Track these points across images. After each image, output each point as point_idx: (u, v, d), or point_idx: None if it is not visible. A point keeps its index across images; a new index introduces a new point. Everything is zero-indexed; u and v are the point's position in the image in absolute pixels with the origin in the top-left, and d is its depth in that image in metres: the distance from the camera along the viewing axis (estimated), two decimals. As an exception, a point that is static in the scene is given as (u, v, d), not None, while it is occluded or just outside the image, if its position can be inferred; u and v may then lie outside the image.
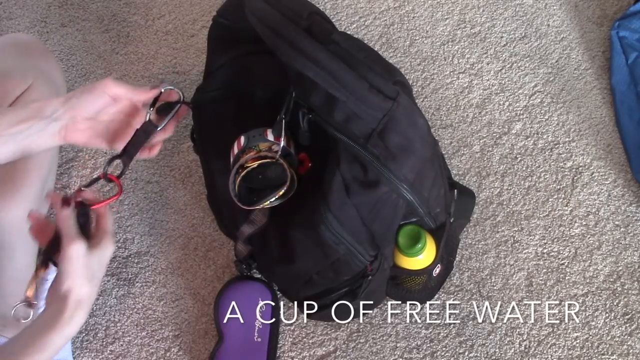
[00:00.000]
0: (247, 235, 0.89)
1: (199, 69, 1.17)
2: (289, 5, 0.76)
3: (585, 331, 0.94)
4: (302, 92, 0.77)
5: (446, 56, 1.17)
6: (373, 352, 0.93)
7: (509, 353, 0.92)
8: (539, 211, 1.03)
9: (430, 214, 0.82)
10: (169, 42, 1.21)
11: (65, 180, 1.07)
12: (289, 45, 0.72)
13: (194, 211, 1.04)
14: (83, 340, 0.95)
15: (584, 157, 1.07)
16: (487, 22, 1.21)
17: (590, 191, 1.04)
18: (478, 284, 0.97)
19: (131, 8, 1.25)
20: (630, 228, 1.01)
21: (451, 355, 0.93)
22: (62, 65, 1.18)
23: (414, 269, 0.84)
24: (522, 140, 1.09)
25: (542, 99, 1.13)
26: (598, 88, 1.14)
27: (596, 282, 0.97)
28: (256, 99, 0.92)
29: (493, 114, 1.11)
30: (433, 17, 1.22)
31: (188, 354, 0.94)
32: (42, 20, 1.24)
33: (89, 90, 0.70)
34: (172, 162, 1.09)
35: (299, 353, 0.94)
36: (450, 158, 1.07)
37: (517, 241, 1.00)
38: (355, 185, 0.76)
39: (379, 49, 1.19)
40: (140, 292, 0.99)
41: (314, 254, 0.81)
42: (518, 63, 1.16)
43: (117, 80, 0.70)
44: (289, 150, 0.83)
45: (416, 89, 1.14)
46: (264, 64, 0.91)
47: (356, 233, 0.78)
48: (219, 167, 0.91)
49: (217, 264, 1.00)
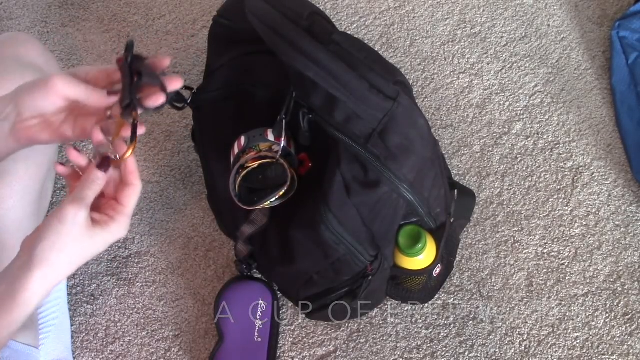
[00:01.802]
0: (247, 235, 0.89)
1: (200, 69, 1.17)
2: (289, 5, 0.76)
3: (586, 331, 0.94)
4: (302, 92, 0.77)
5: (446, 56, 1.17)
6: (373, 352, 0.93)
7: (509, 353, 0.92)
8: (539, 211, 1.03)
9: (430, 214, 0.82)
10: (170, 42, 1.21)
11: (65, 180, 1.07)
12: (290, 46, 0.72)
13: (194, 211, 1.04)
14: (83, 340, 0.95)
15: (584, 157, 1.07)
16: (487, 22, 1.21)
17: (590, 191, 1.04)
18: (478, 284, 0.97)
19: (131, 8, 1.25)
20: (631, 228, 1.01)
21: (451, 355, 0.93)
22: (63, 65, 1.18)
23: (414, 269, 0.84)
24: (522, 141, 1.09)
25: (543, 99, 1.13)
26: (598, 88, 1.14)
27: (596, 282, 0.97)
28: (256, 99, 0.92)
29: (493, 114, 1.11)
30: (433, 17, 1.22)
31: (188, 354, 0.94)
32: (42, 20, 1.24)
33: (34, 87, 0.59)
34: (172, 162, 1.09)
35: (299, 353, 0.94)
36: (451, 158, 1.07)
37: (517, 241, 1.00)
38: (355, 185, 0.76)
39: (379, 49, 1.19)
40: (140, 292, 0.99)
41: (314, 254, 0.81)
42: (518, 63, 1.16)
43: (67, 80, 0.58)
44: (290, 150, 0.83)
45: (416, 89, 1.14)
46: (264, 64, 0.91)
47: (356, 233, 0.78)
48: (219, 167, 0.91)
49: (218, 264, 1.00)
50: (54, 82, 0.58)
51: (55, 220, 0.55)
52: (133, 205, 0.59)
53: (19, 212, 0.88)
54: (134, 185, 0.59)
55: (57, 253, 0.55)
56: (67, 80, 0.58)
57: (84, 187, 0.56)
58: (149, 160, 1.08)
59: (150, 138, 1.10)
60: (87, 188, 0.56)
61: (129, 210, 0.59)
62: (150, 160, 1.08)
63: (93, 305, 0.98)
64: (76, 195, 0.55)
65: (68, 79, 0.58)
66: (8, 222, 0.87)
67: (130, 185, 0.59)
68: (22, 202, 0.88)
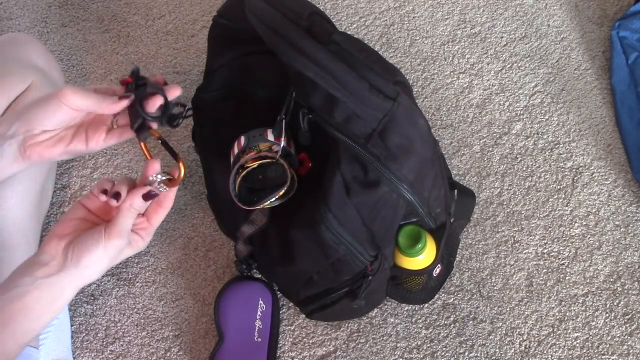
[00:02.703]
0: (247, 236, 0.89)
1: (199, 69, 1.17)
2: (289, 5, 0.76)
3: (586, 331, 0.94)
4: (302, 92, 0.77)
5: (446, 56, 1.17)
6: (373, 352, 0.93)
7: (509, 353, 0.92)
8: (539, 211, 1.03)
9: (430, 214, 0.82)
10: (169, 42, 1.21)
11: (65, 180, 1.07)
12: (289, 46, 0.72)
13: (194, 211, 1.04)
14: (83, 340, 0.95)
15: (584, 157, 1.07)
16: (487, 22, 1.21)
17: (590, 191, 1.04)
18: (478, 284, 0.97)
19: (131, 8, 1.25)
20: (631, 228, 1.01)
21: (451, 355, 0.93)
22: (62, 65, 1.18)
23: (414, 269, 0.84)
24: (522, 141, 1.09)
25: (542, 99, 1.13)
26: (598, 88, 1.14)
27: (596, 282, 0.97)
28: (256, 99, 0.92)
29: (493, 114, 1.11)
30: (433, 17, 1.22)
31: (188, 354, 0.94)
32: (42, 20, 1.24)
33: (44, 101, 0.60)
34: (172, 162, 1.08)
35: (299, 353, 0.94)
36: (451, 158, 1.07)
37: (517, 241, 1.00)
38: (355, 185, 0.76)
39: (379, 49, 1.19)
40: (140, 292, 0.99)
41: (314, 254, 0.81)
42: (518, 63, 1.16)
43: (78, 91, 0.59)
44: (289, 151, 0.83)
45: (416, 89, 1.14)
46: (264, 64, 0.91)
47: (356, 233, 0.78)
48: (219, 167, 0.91)
49: (218, 264, 1.00)
50: (65, 93, 0.59)
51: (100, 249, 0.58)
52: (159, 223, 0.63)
53: (19, 212, 0.88)
54: (167, 208, 0.63)
55: (93, 270, 0.59)
56: (77, 90, 0.59)
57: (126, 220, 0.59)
58: (149, 160, 1.08)
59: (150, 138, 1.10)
60: (129, 217, 0.60)
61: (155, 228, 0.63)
62: (150, 160, 1.08)
63: (93, 305, 0.98)
64: (122, 230, 0.59)
65: (78, 89, 0.59)
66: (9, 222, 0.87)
67: (164, 208, 0.63)
68: (22, 202, 0.88)
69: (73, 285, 0.59)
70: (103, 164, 1.08)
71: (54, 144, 0.62)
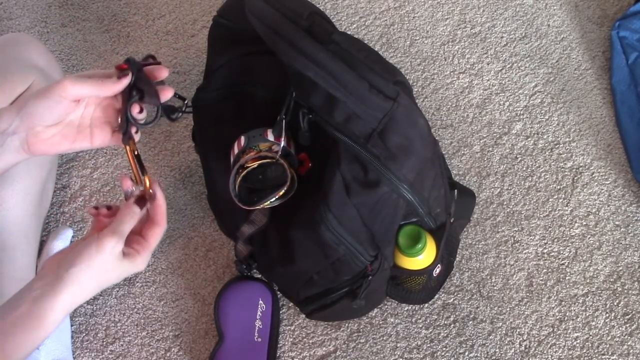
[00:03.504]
0: (247, 236, 0.89)
1: (200, 69, 1.17)
2: (289, 5, 0.76)
3: (586, 331, 0.94)
4: (302, 92, 0.77)
5: (446, 56, 1.17)
6: (373, 352, 0.93)
7: (509, 353, 0.92)
8: (539, 211, 1.03)
9: (430, 214, 0.82)
10: (170, 42, 1.21)
11: (65, 180, 1.07)
12: (289, 45, 0.72)
13: (194, 211, 1.04)
14: (83, 340, 0.95)
15: (584, 157, 1.07)
16: (487, 22, 1.21)
17: (590, 191, 1.04)
18: (478, 284, 0.97)
19: (131, 8, 1.25)
20: (631, 228, 1.01)
21: (451, 355, 0.93)
22: (62, 65, 1.18)
23: (414, 269, 0.84)
24: (522, 141, 1.09)
25: (543, 99, 1.13)
26: (598, 88, 1.14)
27: (596, 282, 0.97)
28: (256, 99, 0.92)
29: (493, 114, 1.11)
30: (433, 17, 1.22)
31: (188, 354, 0.94)
32: (42, 20, 1.24)
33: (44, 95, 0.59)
34: (172, 162, 1.09)
35: (299, 353, 0.94)
36: (451, 158, 1.07)
37: (517, 241, 1.00)
38: (355, 185, 0.76)
39: (379, 49, 1.19)
40: (140, 292, 0.99)
41: (314, 254, 0.81)
42: (518, 63, 1.16)
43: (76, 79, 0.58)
44: (289, 150, 0.83)
45: (416, 89, 1.14)
46: (264, 64, 0.91)
47: (356, 233, 0.78)
48: (219, 167, 0.91)
49: (217, 264, 1.00)
50: (64, 87, 0.58)
51: (92, 248, 0.57)
52: (156, 243, 0.63)
53: (19, 211, 0.88)
54: (161, 225, 0.63)
55: (89, 278, 0.58)
56: (76, 80, 0.59)
57: (122, 222, 0.60)
58: (149, 160, 1.08)
59: (150, 138, 1.10)
60: (125, 222, 0.60)
61: (152, 247, 0.63)
62: (150, 160, 1.08)
63: (93, 305, 0.98)
64: (115, 229, 0.59)
65: (76, 79, 0.59)
66: (9, 221, 0.87)
67: (158, 225, 0.63)
68: (23, 202, 0.89)
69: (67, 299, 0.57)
70: (103, 164, 1.08)
71: (59, 142, 0.62)
